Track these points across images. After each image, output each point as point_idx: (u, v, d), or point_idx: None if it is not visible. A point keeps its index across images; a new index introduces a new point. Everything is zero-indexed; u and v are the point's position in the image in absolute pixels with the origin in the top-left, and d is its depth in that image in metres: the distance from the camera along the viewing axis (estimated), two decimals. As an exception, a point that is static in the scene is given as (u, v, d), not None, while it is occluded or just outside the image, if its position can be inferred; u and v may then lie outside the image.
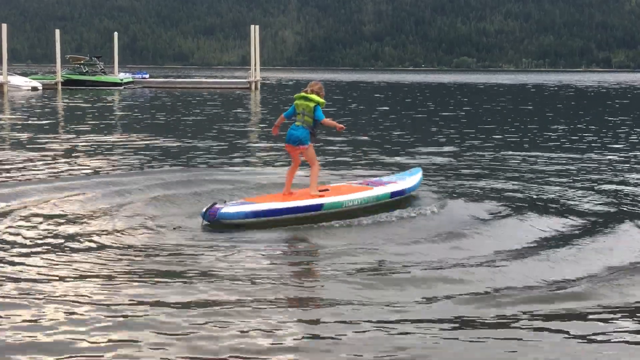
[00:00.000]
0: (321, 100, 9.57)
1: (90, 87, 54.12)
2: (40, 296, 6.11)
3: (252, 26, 55.96)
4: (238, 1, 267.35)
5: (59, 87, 51.39)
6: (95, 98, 42.06)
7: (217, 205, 8.79)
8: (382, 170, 13.65)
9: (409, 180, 10.78)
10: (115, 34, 65.02)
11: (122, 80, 58.56)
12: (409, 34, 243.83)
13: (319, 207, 9.27)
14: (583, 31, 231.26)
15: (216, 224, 8.69)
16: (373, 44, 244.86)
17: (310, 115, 9.49)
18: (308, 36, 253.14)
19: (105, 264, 7.14)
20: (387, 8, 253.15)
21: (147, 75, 68.01)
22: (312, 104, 9.49)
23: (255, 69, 55.63)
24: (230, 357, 4.97)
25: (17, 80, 51.59)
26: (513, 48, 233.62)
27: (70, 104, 36.30)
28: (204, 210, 8.81)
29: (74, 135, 20.53)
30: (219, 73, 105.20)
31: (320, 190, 9.71)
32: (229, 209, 8.72)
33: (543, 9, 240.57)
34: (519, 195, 11.33)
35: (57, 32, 53.46)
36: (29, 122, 24.91)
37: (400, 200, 10.36)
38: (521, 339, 5.33)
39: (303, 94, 9.61)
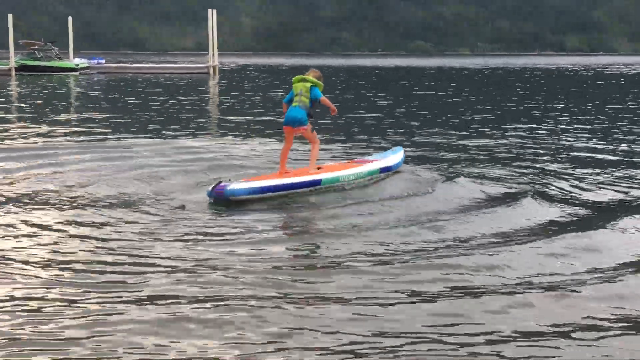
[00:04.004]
0: (320, 82, 10.01)
1: (45, 73, 53.02)
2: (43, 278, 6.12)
3: (210, 10, 55.20)
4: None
5: (13, 72, 50.37)
6: (50, 83, 41.19)
7: (223, 183, 9.06)
8: (365, 150, 13.90)
9: (394, 157, 11.40)
10: (70, 18, 63.70)
11: (77, 65, 57.38)
12: (365, 20, 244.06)
13: (318, 182, 9.83)
14: (537, 16, 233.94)
15: (223, 201, 8.87)
16: (331, 28, 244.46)
17: (306, 95, 9.88)
18: (265, 21, 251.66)
19: (105, 240, 7.26)
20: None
21: (103, 61, 66.54)
22: (308, 84, 9.91)
23: (213, 53, 55.02)
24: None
25: (-31, 66, 50.40)
26: (469, 32, 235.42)
27: (24, 90, 35.46)
28: (210, 188, 9.07)
29: (37, 119, 20.09)
30: (175, 59, 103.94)
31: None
32: (236, 185, 9.00)
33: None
34: (513, 177, 11.29)
35: (10, 16, 52.25)
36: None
37: (392, 179, 10.79)
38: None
39: (302, 76, 10.05)
